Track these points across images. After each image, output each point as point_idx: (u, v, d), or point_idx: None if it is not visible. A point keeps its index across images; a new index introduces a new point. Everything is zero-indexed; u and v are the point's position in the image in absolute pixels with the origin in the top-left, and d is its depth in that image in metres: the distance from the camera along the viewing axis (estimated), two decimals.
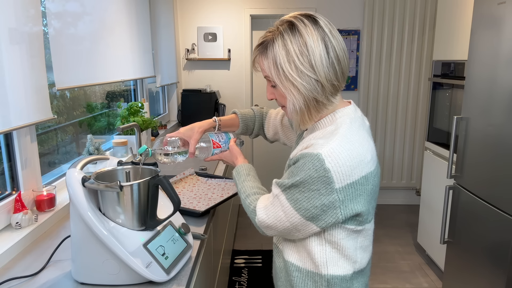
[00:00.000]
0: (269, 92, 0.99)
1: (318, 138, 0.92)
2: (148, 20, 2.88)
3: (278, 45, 0.90)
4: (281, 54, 0.89)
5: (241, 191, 1.08)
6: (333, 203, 0.87)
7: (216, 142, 1.21)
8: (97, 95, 2.57)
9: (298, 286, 0.99)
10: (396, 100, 3.96)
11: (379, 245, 3.30)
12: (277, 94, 0.97)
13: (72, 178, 1.00)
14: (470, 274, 2.16)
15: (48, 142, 2.00)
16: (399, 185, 4.15)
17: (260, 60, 0.95)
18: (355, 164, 0.87)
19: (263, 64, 0.94)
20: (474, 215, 2.11)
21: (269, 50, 0.91)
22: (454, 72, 2.70)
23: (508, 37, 1.84)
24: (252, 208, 1.01)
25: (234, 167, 1.17)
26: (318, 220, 0.90)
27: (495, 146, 1.93)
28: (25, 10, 1.34)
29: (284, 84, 0.91)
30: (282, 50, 0.89)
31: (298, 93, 0.91)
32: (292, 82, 0.90)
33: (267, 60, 0.92)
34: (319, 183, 0.85)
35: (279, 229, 0.95)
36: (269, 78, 0.95)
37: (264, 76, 0.97)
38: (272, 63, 0.91)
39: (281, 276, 1.06)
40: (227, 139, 1.24)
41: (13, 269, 1.15)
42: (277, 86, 0.93)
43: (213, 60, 3.90)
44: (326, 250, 0.95)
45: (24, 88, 1.33)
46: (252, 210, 1.00)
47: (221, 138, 1.23)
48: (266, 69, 0.94)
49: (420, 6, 3.73)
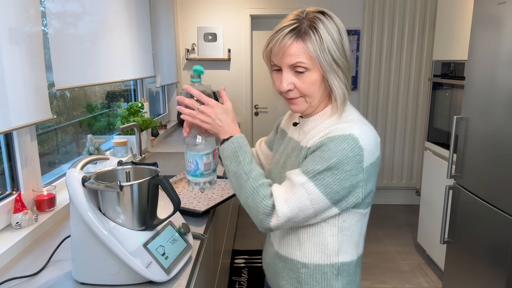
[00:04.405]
0: (288, 82, 0.93)
1: (338, 123, 0.94)
2: (148, 20, 2.88)
3: (322, 29, 0.90)
4: (328, 38, 0.90)
5: (246, 179, 0.93)
6: (358, 182, 0.90)
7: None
8: (97, 95, 2.57)
9: (307, 281, 1.00)
10: (396, 100, 3.96)
11: (379, 245, 3.30)
12: (304, 82, 0.92)
13: (72, 178, 1.00)
14: (470, 274, 2.16)
15: (48, 142, 2.00)
16: (399, 185, 4.15)
17: (296, 45, 0.90)
18: (376, 144, 0.93)
19: (299, 50, 0.90)
20: (474, 215, 2.11)
21: (313, 34, 0.89)
22: (454, 72, 2.70)
23: (508, 37, 1.84)
24: (267, 203, 0.90)
25: (222, 138, 0.96)
26: (342, 202, 0.91)
27: (495, 146, 1.93)
28: (25, 10, 1.34)
29: (333, 67, 0.91)
30: (327, 34, 0.90)
31: (343, 76, 0.93)
32: (340, 66, 0.92)
33: (312, 44, 0.89)
34: (352, 163, 0.88)
35: (298, 219, 0.91)
36: (301, 65, 0.90)
37: (290, 64, 0.91)
38: (318, 47, 0.89)
39: (283, 276, 1.05)
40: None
41: (13, 269, 1.15)
42: (312, 72, 0.91)
43: (213, 60, 3.90)
44: (338, 238, 0.98)
45: (24, 88, 1.33)
46: (267, 206, 0.90)
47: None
48: (303, 54, 0.90)
49: (420, 6, 3.73)
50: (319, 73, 0.92)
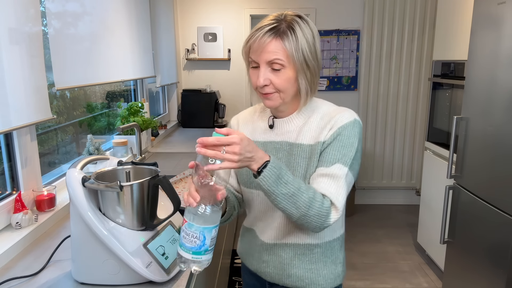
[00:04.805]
0: (264, 77, 0.98)
1: (335, 113, 1.03)
2: (148, 20, 2.88)
3: (299, 31, 0.96)
4: (303, 40, 0.96)
5: (299, 194, 0.90)
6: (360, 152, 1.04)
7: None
8: (97, 95, 2.57)
9: (320, 259, 1.10)
10: (396, 100, 3.96)
11: (379, 245, 3.30)
12: (280, 78, 0.98)
13: (72, 178, 1.00)
14: (470, 274, 2.16)
15: (48, 142, 2.00)
16: (399, 185, 4.15)
17: (275, 43, 0.95)
18: None
19: (277, 47, 0.95)
20: (474, 215, 2.11)
21: (290, 34, 0.95)
22: (454, 72, 2.70)
23: (508, 37, 1.84)
24: (326, 205, 0.94)
25: (256, 168, 0.87)
26: (356, 174, 1.03)
27: (495, 146, 1.93)
28: (25, 10, 1.34)
29: (303, 67, 0.97)
30: (302, 36, 0.96)
31: (310, 77, 1.00)
32: (309, 67, 0.99)
33: (288, 43, 0.95)
34: (360, 141, 1.02)
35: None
36: (278, 62, 0.96)
37: (268, 60, 0.96)
38: (293, 46, 0.95)
39: (295, 263, 1.10)
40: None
41: (13, 269, 1.15)
42: (287, 69, 0.97)
43: (213, 60, 3.90)
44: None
45: (24, 88, 1.33)
46: (327, 207, 0.94)
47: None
48: (280, 52, 0.95)
49: (420, 6, 3.73)
50: (293, 71, 0.98)
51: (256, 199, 1.11)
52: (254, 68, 1.01)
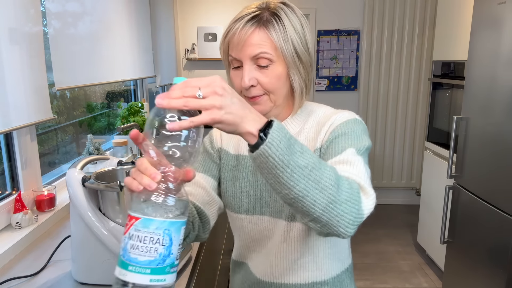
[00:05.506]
0: (249, 76, 0.79)
1: (333, 114, 0.86)
2: (148, 20, 2.88)
3: (285, 19, 0.79)
4: (291, 28, 0.79)
5: (322, 169, 0.62)
6: None
7: None
8: (97, 95, 2.57)
9: (325, 264, 0.92)
10: (396, 100, 3.96)
11: (379, 245, 3.30)
12: (268, 76, 0.80)
13: (72, 178, 1.00)
14: (470, 274, 2.16)
15: (48, 142, 2.00)
16: (399, 185, 4.15)
17: (259, 33, 0.78)
18: None
19: (262, 38, 0.78)
20: (474, 215, 2.11)
21: (276, 22, 0.78)
22: (454, 72, 2.70)
23: (508, 37, 1.84)
24: (356, 187, 0.68)
25: (254, 129, 0.59)
26: (369, 173, 0.90)
27: (495, 146, 1.93)
28: (25, 10, 1.34)
29: (295, 61, 0.81)
30: (290, 24, 0.79)
31: (304, 72, 0.83)
32: (302, 61, 0.82)
33: (275, 33, 0.78)
34: (369, 139, 0.86)
35: None
36: (264, 56, 0.78)
37: (252, 55, 0.78)
38: (281, 36, 0.78)
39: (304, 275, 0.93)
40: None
41: (13, 269, 1.15)
42: (276, 64, 0.79)
43: (213, 60, 3.90)
44: None
45: (24, 88, 1.33)
46: (357, 190, 0.68)
47: None
48: (266, 43, 0.78)
49: (420, 6, 3.73)
50: (284, 66, 0.80)
51: (247, 225, 0.94)
52: (236, 69, 0.82)
